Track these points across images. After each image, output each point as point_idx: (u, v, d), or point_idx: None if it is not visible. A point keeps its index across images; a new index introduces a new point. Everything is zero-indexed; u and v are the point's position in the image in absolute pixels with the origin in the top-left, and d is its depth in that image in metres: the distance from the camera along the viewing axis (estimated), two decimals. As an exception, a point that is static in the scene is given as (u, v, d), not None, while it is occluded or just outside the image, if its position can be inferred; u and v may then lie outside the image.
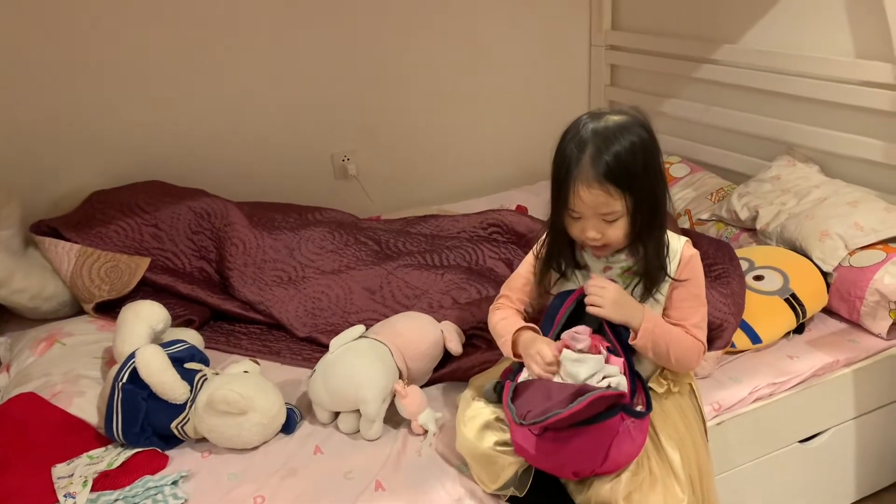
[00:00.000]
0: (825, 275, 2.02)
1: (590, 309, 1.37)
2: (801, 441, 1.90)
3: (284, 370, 1.87)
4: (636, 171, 1.31)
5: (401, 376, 1.67)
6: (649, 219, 1.35)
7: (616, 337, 1.39)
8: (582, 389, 1.28)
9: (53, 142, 2.38)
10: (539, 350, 1.37)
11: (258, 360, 1.82)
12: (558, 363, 1.34)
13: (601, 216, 1.34)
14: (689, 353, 1.43)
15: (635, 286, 1.40)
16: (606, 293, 1.36)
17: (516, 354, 1.45)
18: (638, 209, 1.33)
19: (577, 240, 1.42)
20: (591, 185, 1.31)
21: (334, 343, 1.69)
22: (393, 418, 1.64)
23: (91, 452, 1.56)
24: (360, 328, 1.73)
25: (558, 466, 1.38)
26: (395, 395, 1.62)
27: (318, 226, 2.34)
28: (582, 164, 1.31)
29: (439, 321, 1.83)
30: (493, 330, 1.52)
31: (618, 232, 1.35)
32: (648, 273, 1.39)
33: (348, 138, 2.81)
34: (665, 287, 1.41)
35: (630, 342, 1.38)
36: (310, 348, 1.95)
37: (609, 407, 1.31)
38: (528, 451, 1.37)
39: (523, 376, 1.41)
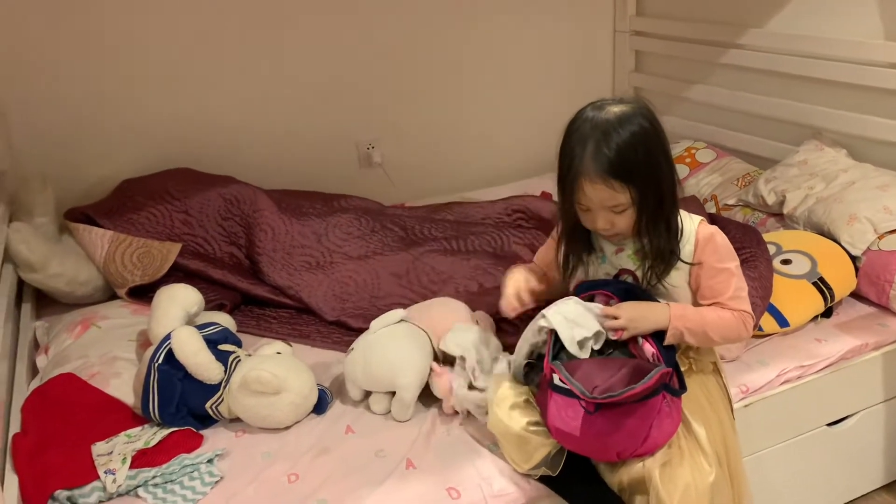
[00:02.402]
0: (854, 259, 2.02)
1: (614, 336, 1.38)
2: (829, 424, 1.90)
3: (314, 353, 1.90)
4: (638, 162, 1.32)
5: (436, 361, 1.69)
6: (657, 205, 1.36)
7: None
8: (639, 366, 1.31)
9: (86, 132, 2.42)
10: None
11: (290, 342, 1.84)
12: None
13: (609, 208, 1.35)
14: (730, 327, 1.42)
15: (648, 268, 1.42)
16: (622, 318, 1.37)
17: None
18: (644, 198, 1.34)
19: (589, 228, 1.44)
20: (595, 181, 1.32)
21: (375, 324, 1.71)
22: (422, 399, 1.66)
23: (129, 431, 1.59)
24: (400, 312, 1.74)
25: (603, 448, 1.37)
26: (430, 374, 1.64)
27: (344, 212, 2.37)
28: (584, 160, 1.32)
29: (473, 309, 1.84)
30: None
31: (627, 221, 1.37)
32: (660, 255, 1.40)
33: (373, 126, 2.83)
34: (680, 273, 1.42)
35: (665, 343, 1.40)
36: (339, 332, 1.98)
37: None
38: (571, 434, 1.35)
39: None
